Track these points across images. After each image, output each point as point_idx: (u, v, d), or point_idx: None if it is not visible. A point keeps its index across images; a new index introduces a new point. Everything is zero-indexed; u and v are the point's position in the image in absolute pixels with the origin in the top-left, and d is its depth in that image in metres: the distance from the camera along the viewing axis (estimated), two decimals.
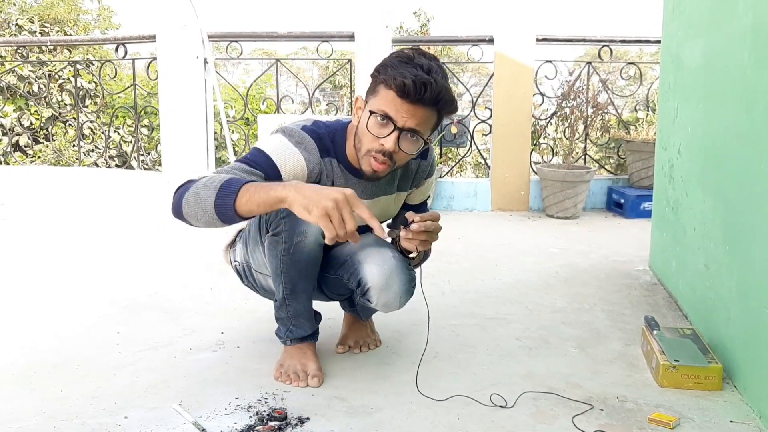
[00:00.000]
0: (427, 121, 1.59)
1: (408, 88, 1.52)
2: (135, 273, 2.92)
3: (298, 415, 1.62)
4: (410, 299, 1.84)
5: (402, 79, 1.52)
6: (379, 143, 1.59)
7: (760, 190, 1.66)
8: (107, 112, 7.96)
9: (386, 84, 1.56)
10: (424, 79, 1.52)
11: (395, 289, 1.76)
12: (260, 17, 53.58)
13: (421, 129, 1.59)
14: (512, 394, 1.74)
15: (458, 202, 4.51)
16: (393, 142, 1.58)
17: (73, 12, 10.42)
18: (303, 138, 1.68)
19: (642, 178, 4.41)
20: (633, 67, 4.84)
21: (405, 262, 1.80)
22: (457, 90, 12.05)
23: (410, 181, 1.88)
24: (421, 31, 12.37)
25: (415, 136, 1.59)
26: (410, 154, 1.63)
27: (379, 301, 1.79)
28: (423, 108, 1.55)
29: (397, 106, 1.55)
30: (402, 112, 1.55)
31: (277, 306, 1.86)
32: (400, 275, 1.76)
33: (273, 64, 4.86)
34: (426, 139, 1.63)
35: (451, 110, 1.62)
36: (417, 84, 1.52)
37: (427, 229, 1.59)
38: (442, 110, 1.60)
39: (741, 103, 1.83)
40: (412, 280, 1.81)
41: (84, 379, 1.83)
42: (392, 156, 1.61)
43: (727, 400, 1.72)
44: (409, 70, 1.53)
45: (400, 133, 1.58)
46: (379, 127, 1.58)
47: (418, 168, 1.87)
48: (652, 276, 2.87)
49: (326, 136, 1.73)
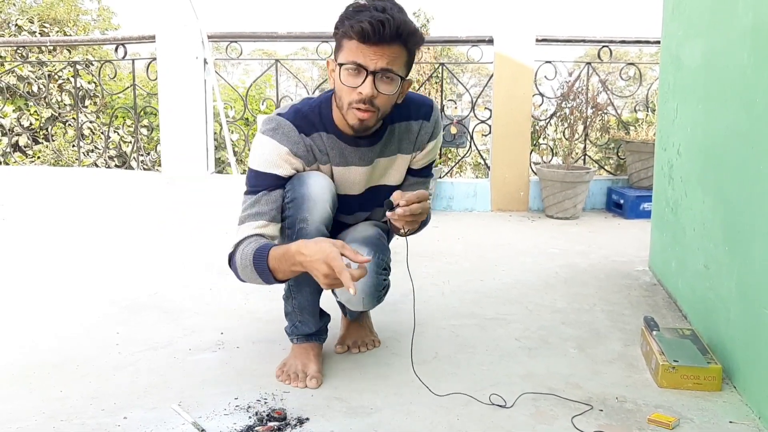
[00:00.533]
0: (397, 58, 1.60)
1: (367, 31, 1.54)
2: (135, 273, 2.92)
3: (297, 415, 1.62)
4: (378, 304, 1.81)
5: (359, 25, 1.54)
6: (357, 92, 1.60)
7: (759, 190, 1.66)
8: (107, 112, 7.96)
9: (347, 36, 1.59)
10: (381, 18, 1.53)
11: (359, 288, 1.72)
12: (260, 18, 53.59)
13: (393, 67, 1.59)
14: (512, 395, 1.74)
15: (458, 202, 4.51)
16: (369, 86, 1.59)
17: (72, 12, 10.42)
18: (278, 124, 1.72)
19: (642, 179, 4.41)
20: (633, 67, 4.84)
21: (378, 266, 1.76)
22: (456, 90, 12.06)
23: (413, 143, 1.84)
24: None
25: (390, 74, 1.60)
26: (390, 95, 1.63)
27: (342, 296, 1.79)
28: (387, 46, 1.57)
29: (363, 51, 1.57)
30: (370, 56, 1.57)
31: (284, 299, 1.87)
32: (367, 277, 1.71)
33: (273, 65, 4.86)
34: (402, 77, 1.63)
35: (417, 41, 1.62)
36: (374, 24, 1.53)
37: (413, 212, 1.57)
38: (408, 43, 1.60)
39: (741, 103, 1.83)
40: (380, 286, 1.77)
41: (84, 379, 1.83)
42: (373, 102, 1.61)
43: (727, 401, 1.72)
44: (365, 15, 1.55)
45: (374, 77, 1.59)
46: (353, 77, 1.60)
47: (420, 129, 1.83)
48: (652, 276, 2.87)
49: (310, 112, 1.74)
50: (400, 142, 1.82)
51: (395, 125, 1.80)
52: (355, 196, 1.85)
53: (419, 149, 1.86)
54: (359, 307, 1.80)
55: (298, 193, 1.70)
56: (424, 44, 1.72)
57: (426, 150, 1.87)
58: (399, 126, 1.81)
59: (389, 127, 1.79)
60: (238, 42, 4.69)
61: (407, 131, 1.82)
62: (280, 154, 1.70)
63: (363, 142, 1.76)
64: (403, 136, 1.82)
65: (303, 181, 1.71)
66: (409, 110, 1.81)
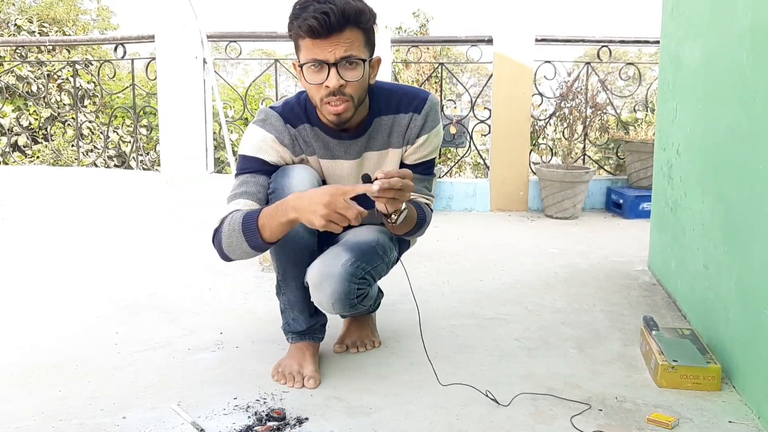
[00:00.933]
0: (354, 42, 1.59)
1: (315, 28, 1.55)
2: (134, 273, 2.92)
3: (296, 415, 1.62)
4: (353, 311, 1.78)
5: (306, 23, 1.55)
6: (324, 87, 1.61)
7: (759, 190, 1.66)
8: (106, 112, 7.95)
9: (299, 36, 1.60)
10: (324, 9, 1.54)
11: (327, 292, 1.69)
12: (259, 18, 53.57)
13: (352, 52, 1.59)
14: (511, 395, 1.74)
15: (457, 202, 4.51)
16: (335, 78, 1.59)
17: (72, 12, 10.41)
18: (267, 115, 1.76)
19: (641, 179, 4.41)
20: (632, 67, 4.84)
21: (354, 275, 1.70)
22: (456, 90, 12.06)
23: (402, 136, 1.80)
24: (420, 31, 12.36)
25: (352, 60, 1.60)
26: (358, 80, 1.62)
27: (315, 299, 1.76)
28: (339, 34, 1.57)
29: (318, 46, 1.58)
30: (326, 49, 1.58)
31: (277, 295, 1.88)
32: (336, 283, 1.68)
33: (272, 64, 4.86)
34: (365, 59, 1.63)
35: (368, 18, 1.61)
36: (320, 18, 1.54)
37: (393, 186, 1.47)
38: (360, 23, 1.60)
39: (740, 103, 1.83)
40: (351, 294, 1.70)
41: (83, 379, 1.83)
42: (344, 91, 1.61)
43: (726, 401, 1.72)
44: (309, 11, 1.55)
45: (336, 67, 1.59)
46: (316, 73, 1.61)
47: (410, 122, 1.78)
48: (651, 276, 2.87)
49: (297, 105, 1.77)
50: (389, 135, 1.80)
51: (382, 118, 1.78)
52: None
53: (409, 143, 1.81)
54: (330, 311, 1.75)
55: (279, 184, 1.71)
56: (424, 44, 1.72)
57: (417, 144, 1.81)
58: (386, 119, 1.79)
59: (375, 120, 1.78)
60: (238, 42, 4.69)
61: (396, 124, 1.79)
62: (266, 140, 1.74)
63: (346, 135, 1.76)
64: (393, 130, 1.79)
65: (285, 173, 1.73)
66: (399, 103, 1.79)
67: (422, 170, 1.85)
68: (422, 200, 1.85)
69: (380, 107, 1.77)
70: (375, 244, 1.79)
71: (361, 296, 1.74)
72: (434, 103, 1.82)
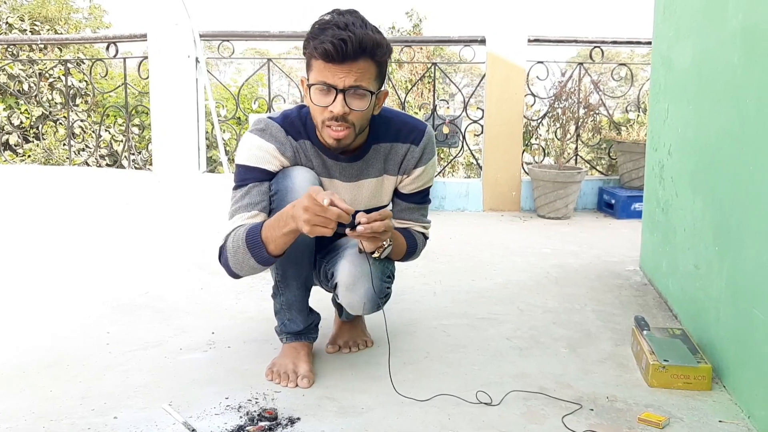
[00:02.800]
0: (365, 72, 1.60)
1: (330, 52, 1.55)
2: (126, 273, 2.91)
3: (288, 415, 1.62)
4: (378, 310, 1.81)
5: (322, 46, 1.55)
6: (328, 111, 1.61)
7: (750, 190, 1.67)
8: (98, 111, 7.92)
9: (313, 56, 1.60)
10: (342, 37, 1.54)
11: (361, 292, 1.74)
12: (252, 17, 53.46)
13: (362, 83, 1.59)
14: (503, 394, 1.74)
15: (450, 202, 4.51)
16: (340, 104, 1.59)
17: (63, 10, 10.36)
18: (267, 125, 1.74)
19: (633, 179, 4.43)
20: (624, 68, 4.86)
21: (383, 273, 1.77)
22: (449, 90, 12.06)
23: (398, 165, 1.82)
24: (413, 31, 12.37)
25: (360, 90, 1.60)
26: (363, 111, 1.63)
27: (344, 300, 1.78)
28: (353, 62, 1.57)
29: (330, 71, 1.58)
30: (337, 75, 1.58)
31: (273, 297, 1.87)
32: (369, 282, 1.73)
33: (265, 64, 4.85)
34: (373, 92, 1.63)
35: (384, 52, 1.62)
36: (336, 44, 1.54)
37: (374, 231, 1.58)
38: (375, 56, 1.60)
39: (731, 104, 1.84)
40: (383, 293, 1.77)
41: (74, 379, 1.82)
42: (347, 118, 1.61)
43: (717, 400, 1.73)
44: (328, 34, 1.55)
45: (344, 94, 1.59)
46: (323, 96, 1.61)
47: (407, 153, 1.81)
48: (643, 276, 2.88)
49: (297, 120, 1.76)
50: (385, 162, 1.82)
51: (380, 145, 1.79)
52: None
53: (405, 173, 1.84)
54: (360, 311, 1.79)
55: (282, 186, 1.71)
56: (417, 44, 1.73)
57: (413, 176, 1.84)
58: (384, 146, 1.80)
59: (373, 147, 1.78)
60: (230, 41, 4.68)
61: (393, 153, 1.81)
62: (267, 150, 1.72)
63: (343, 158, 1.76)
64: (388, 157, 1.81)
65: (286, 174, 1.72)
66: (398, 132, 1.80)
67: (418, 199, 1.90)
68: (419, 228, 1.92)
69: (378, 134, 1.78)
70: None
71: (388, 294, 1.81)
72: (431, 136, 1.85)
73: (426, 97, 9.77)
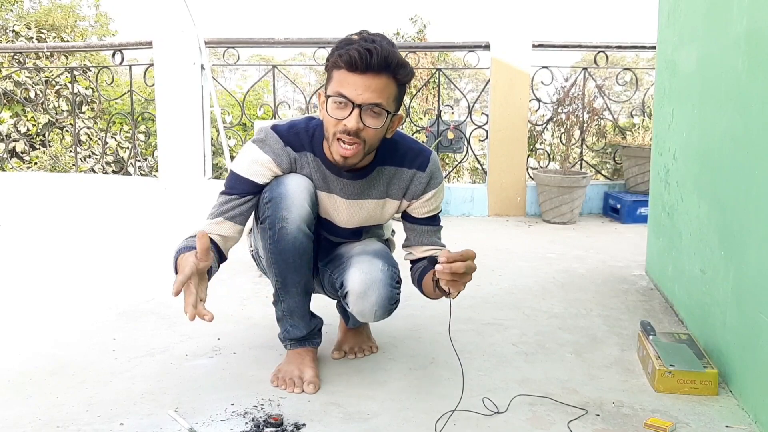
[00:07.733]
0: (384, 89, 1.58)
1: (354, 59, 1.54)
2: (132, 279, 2.92)
3: (294, 421, 1.62)
4: (388, 317, 1.81)
5: (347, 54, 1.54)
6: (342, 124, 1.59)
7: (755, 194, 1.66)
8: (104, 118, 7.96)
9: (336, 66, 1.58)
10: (368, 47, 1.54)
11: (372, 300, 1.74)
12: (257, 24, 53.64)
13: (380, 100, 1.58)
14: (508, 400, 1.74)
15: (455, 207, 4.51)
16: (355, 119, 1.57)
17: (70, 18, 10.44)
18: (267, 135, 1.74)
19: (638, 184, 4.43)
20: (629, 72, 4.86)
21: (393, 279, 1.77)
22: (453, 95, 12.06)
23: (403, 190, 1.81)
24: (417, 37, 12.40)
25: (377, 108, 1.59)
26: (376, 129, 1.61)
27: (355, 308, 1.77)
28: (375, 76, 1.56)
29: (350, 82, 1.56)
30: (357, 88, 1.56)
31: (274, 305, 1.87)
32: (381, 289, 1.73)
33: (270, 70, 4.87)
34: (390, 112, 1.62)
35: (406, 74, 1.61)
36: (361, 52, 1.53)
37: (455, 271, 1.50)
38: (397, 75, 1.59)
39: (736, 108, 1.84)
40: (393, 299, 1.77)
41: (80, 385, 1.83)
42: (359, 134, 1.60)
43: (723, 405, 1.72)
44: (353, 45, 1.55)
45: (360, 110, 1.58)
46: (340, 109, 1.59)
47: (413, 179, 1.79)
48: (649, 281, 2.87)
49: (304, 132, 1.75)
50: (388, 186, 1.80)
51: (385, 168, 1.78)
52: (347, 228, 1.87)
53: (414, 198, 1.83)
54: (371, 318, 1.79)
55: (276, 193, 1.71)
56: (421, 50, 1.73)
57: (423, 199, 1.83)
58: (389, 169, 1.79)
59: (378, 168, 1.77)
60: (236, 48, 4.70)
61: (398, 177, 1.80)
62: (262, 162, 1.72)
63: (346, 174, 1.75)
64: (392, 181, 1.80)
65: (280, 181, 1.72)
66: (404, 157, 1.79)
67: (433, 222, 1.89)
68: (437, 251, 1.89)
69: (384, 156, 1.77)
70: (386, 250, 1.86)
71: (398, 300, 1.80)
72: (436, 161, 1.84)
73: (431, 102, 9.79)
